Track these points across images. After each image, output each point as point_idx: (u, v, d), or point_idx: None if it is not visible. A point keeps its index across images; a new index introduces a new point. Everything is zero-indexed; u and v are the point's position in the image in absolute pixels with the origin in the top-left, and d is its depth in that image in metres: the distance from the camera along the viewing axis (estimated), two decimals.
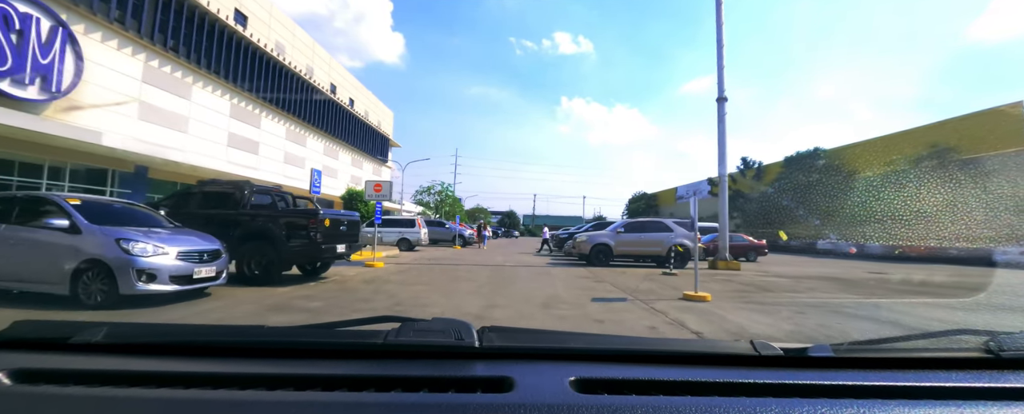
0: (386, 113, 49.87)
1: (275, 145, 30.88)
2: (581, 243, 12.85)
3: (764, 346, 0.90)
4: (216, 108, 26.13)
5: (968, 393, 0.76)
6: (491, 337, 0.89)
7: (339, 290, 7.03)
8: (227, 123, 27.01)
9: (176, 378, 0.74)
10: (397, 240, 17.62)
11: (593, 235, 12.98)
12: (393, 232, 17.54)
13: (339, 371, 0.78)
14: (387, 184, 15.63)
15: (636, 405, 0.66)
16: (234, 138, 27.43)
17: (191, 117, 24.53)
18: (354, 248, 8.04)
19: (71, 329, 0.90)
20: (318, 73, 35.65)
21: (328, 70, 37.33)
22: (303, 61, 33.60)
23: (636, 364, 0.87)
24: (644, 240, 12.81)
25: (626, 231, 12.88)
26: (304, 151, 34.38)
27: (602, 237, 12.89)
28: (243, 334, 1.00)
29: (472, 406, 0.65)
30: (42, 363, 0.78)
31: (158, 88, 22.39)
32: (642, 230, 13.03)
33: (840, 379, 0.78)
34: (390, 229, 17.54)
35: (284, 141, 31.90)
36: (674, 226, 13.22)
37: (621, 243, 12.71)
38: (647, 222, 13.42)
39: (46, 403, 0.65)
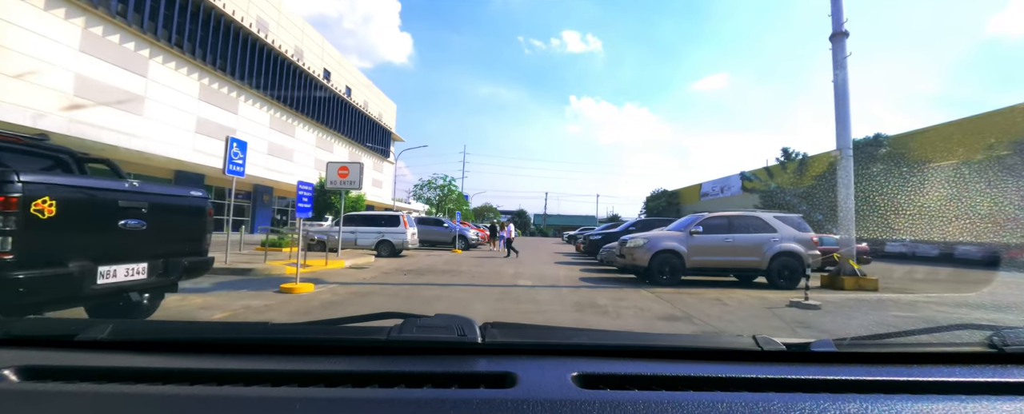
0: (388, 105, 45.59)
1: (257, 134, 26.61)
2: (634, 249, 8.22)
3: (767, 341, 0.87)
4: (182, 88, 21.95)
5: (971, 388, 0.74)
6: (494, 333, 0.87)
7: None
8: (196, 106, 22.80)
9: (181, 374, 0.73)
10: (376, 243, 13.10)
11: (654, 237, 8.29)
12: (370, 233, 13.06)
13: (343, 367, 0.78)
14: (354, 167, 11.10)
15: (638, 400, 0.64)
16: (205, 124, 23.22)
17: (148, 97, 20.36)
18: (187, 271, 3.48)
19: (77, 326, 0.88)
20: (309, 57, 31.39)
21: (321, 54, 33.06)
22: (291, 42, 29.36)
23: (639, 359, 0.84)
24: (734, 245, 8.11)
25: (706, 231, 8.19)
26: (293, 142, 30.14)
27: (667, 240, 8.21)
28: (247, 331, 1.02)
29: (475, 401, 0.63)
30: (48, 360, 0.77)
31: (101, 60, 18.21)
32: (730, 229, 8.30)
33: (843, 374, 0.76)
34: (366, 228, 13.08)
35: (268, 130, 27.67)
36: (776, 222, 8.46)
37: (699, 249, 8.04)
38: (737, 217, 8.62)
39: (53, 400, 0.64)
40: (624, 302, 6.35)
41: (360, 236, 13.26)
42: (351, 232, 13.27)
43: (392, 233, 13.24)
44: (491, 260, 13.81)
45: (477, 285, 7.90)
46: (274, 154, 28.08)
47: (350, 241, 13.25)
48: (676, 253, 8.23)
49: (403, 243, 13.20)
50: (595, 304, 6.17)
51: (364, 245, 13.26)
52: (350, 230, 13.30)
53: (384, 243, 13.19)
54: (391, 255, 13.23)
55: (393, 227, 13.32)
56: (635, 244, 8.46)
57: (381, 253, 13.14)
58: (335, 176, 11.31)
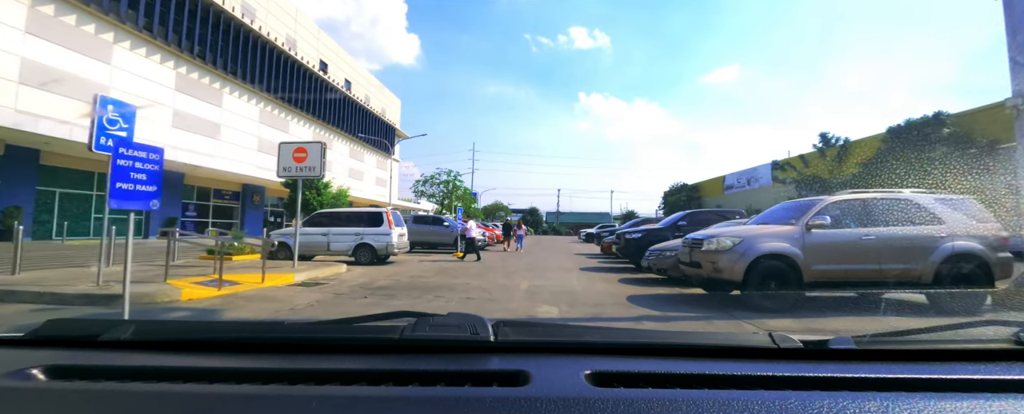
0: (392, 100, 42.87)
1: (244, 128, 24.00)
2: (718, 255, 5.01)
3: (783, 338, 0.84)
4: (155, 78, 19.38)
5: (996, 385, 0.70)
6: (506, 331, 0.86)
7: None
8: (172, 98, 20.21)
9: (201, 373, 0.73)
10: (353, 247, 10.16)
11: (750, 236, 4.97)
12: (345, 235, 10.14)
13: (358, 366, 0.78)
14: (314, 149, 8.21)
15: (652, 398, 0.63)
16: (182, 117, 20.63)
17: (113, 86, 17.79)
18: None
19: (101, 326, 0.89)
20: (303, 47, 28.74)
21: (317, 45, 30.40)
22: (281, 30, 26.70)
23: (652, 357, 0.82)
24: (880, 244, 4.93)
25: (834, 224, 4.97)
26: (287, 138, 27.43)
27: (771, 240, 5.02)
28: (264, 330, 1.02)
29: (488, 399, 0.63)
30: (74, 360, 0.78)
31: (46, 40, 15.64)
32: (867, 219, 5.05)
33: (862, 372, 0.73)
34: (340, 230, 10.16)
35: (257, 124, 25.04)
36: (942, 207, 5.23)
37: (823, 251, 4.85)
38: (879, 201, 5.27)
39: (78, 398, 0.64)
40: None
41: (333, 239, 10.34)
42: (322, 234, 10.36)
43: (373, 234, 10.28)
44: (500, 266, 10.76)
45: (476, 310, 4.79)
46: (265, 151, 25.42)
47: (321, 245, 10.33)
48: (787, 259, 5.08)
49: (387, 247, 10.23)
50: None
51: (339, 250, 10.34)
52: (320, 232, 10.39)
53: (363, 247, 10.24)
54: (372, 262, 10.27)
55: (374, 227, 10.36)
56: (719, 246, 5.32)
57: (360, 260, 10.20)
58: (290, 161, 8.41)
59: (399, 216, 11.05)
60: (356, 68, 36.18)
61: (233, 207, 23.83)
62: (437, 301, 5.81)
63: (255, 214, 24.81)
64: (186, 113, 20.89)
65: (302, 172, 8.36)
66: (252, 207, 24.52)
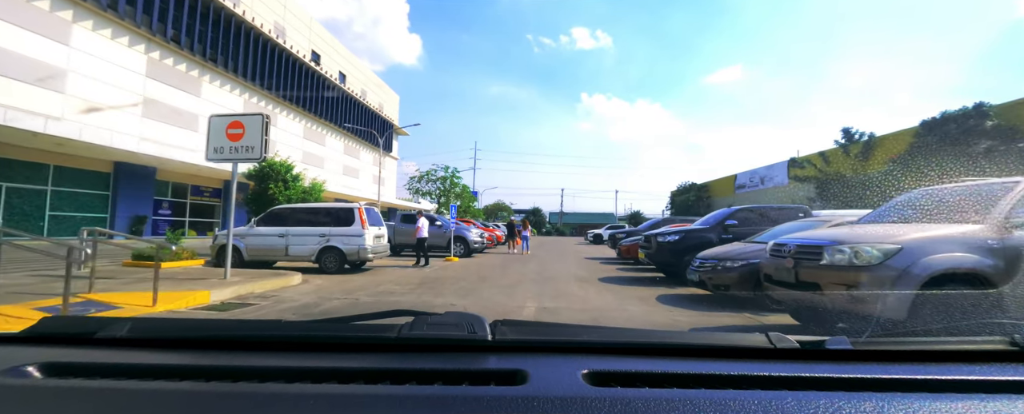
0: (390, 96, 40.85)
1: None
2: (865, 272, 2.86)
3: (780, 339, 0.83)
4: (122, 63, 17.37)
5: (992, 386, 0.69)
6: (504, 330, 0.85)
7: None
8: (142, 85, 18.19)
9: (197, 371, 0.72)
10: (318, 252, 8.07)
11: (917, 244, 2.88)
12: (307, 236, 8.05)
13: (355, 364, 0.77)
14: (252, 123, 6.16)
15: (649, 398, 0.62)
16: (155, 107, 18.61)
17: (72, 70, 15.80)
18: None
19: (97, 324, 0.88)
20: (294, 36, 26.74)
21: (308, 34, 28.38)
22: (269, 16, 24.69)
23: (649, 357, 0.81)
24: None
25: None
26: (276, 132, 25.38)
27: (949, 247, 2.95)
28: (261, 328, 1.00)
29: (486, 399, 0.62)
30: (70, 357, 0.77)
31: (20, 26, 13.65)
32: None
33: (858, 372, 0.73)
34: (301, 230, 8.06)
35: None
36: None
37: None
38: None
39: (74, 396, 0.63)
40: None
41: (293, 241, 8.23)
42: (280, 236, 8.26)
43: (342, 235, 8.18)
44: (499, 276, 8.63)
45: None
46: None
47: (278, 249, 8.24)
48: (979, 276, 2.91)
49: (359, 251, 8.13)
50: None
51: (299, 255, 8.25)
52: (277, 232, 8.29)
53: (330, 252, 8.13)
54: (341, 270, 8.16)
55: (343, 226, 8.25)
56: (861, 259, 3.17)
57: (326, 266, 8.10)
58: (222, 139, 6.31)
59: (376, 213, 8.94)
60: (352, 61, 34.16)
61: (214, 205, 21.80)
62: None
63: (239, 212, 22.74)
64: (159, 102, 18.86)
65: (238, 154, 6.28)
66: (236, 205, 22.44)
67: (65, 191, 15.90)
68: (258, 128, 6.22)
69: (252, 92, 23.55)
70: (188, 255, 8.02)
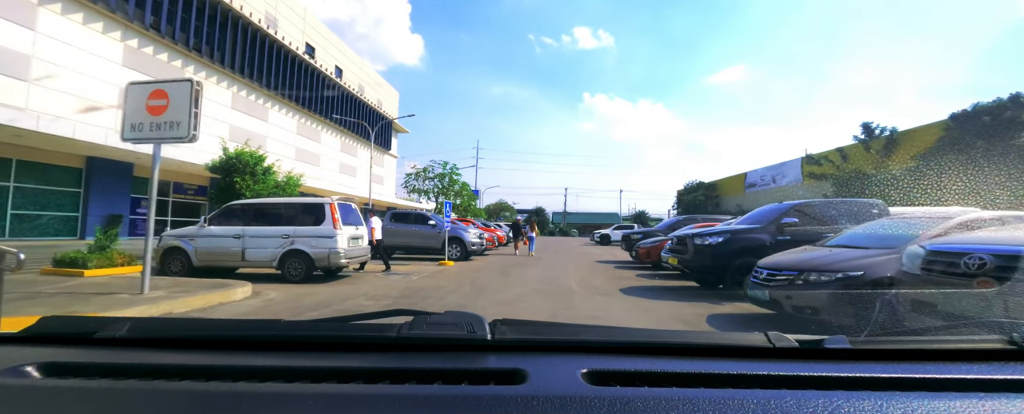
0: (389, 92, 39.44)
1: (211, 114, 20.55)
2: None
3: (779, 338, 0.82)
4: (95, 50, 16.00)
5: (990, 385, 0.69)
6: (503, 330, 0.84)
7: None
8: (118, 75, 16.79)
9: (197, 371, 0.72)
10: (280, 256, 6.59)
11: None
12: (268, 238, 6.56)
13: (354, 364, 0.76)
14: (178, 91, 4.64)
15: (648, 397, 0.62)
16: None
17: (37, 56, 14.43)
18: None
19: (96, 324, 0.87)
20: (286, 27, 25.35)
21: (302, 26, 26.99)
22: (260, 6, 23.32)
23: (648, 356, 0.80)
24: None
25: None
26: (265, 127, 24.10)
27: None
28: (260, 328, 0.99)
29: (485, 398, 0.61)
30: (69, 357, 0.76)
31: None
32: None
33: (857, 371, 0.72)
34: (260, 230, 6.58)
35: (228, 110, 21.65)
36: None
37: None
38: None
39: (74, 395, 0.63)
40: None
41: (251, 244, 6.76)
42: (236, 236, 6.78)
43: (309, 237, 6.71)
44: (498, 286, 7.15)
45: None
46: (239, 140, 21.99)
47: (233, 252, 6.77)
48: None
49: (330, 255, 6.65)
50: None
51: (258, 259, 6.79)
52: (233, 233, 6.82)
53: (294, 256, 6.65)
54: (309, 278, 6.67)
55: (312, 226, 6.76)
56: None
57: (289, 274, 6.61)
58: (141, 113, 4.87)
59: (353, 210, 7.45)
60: (349, 56, 32.76)
61: (199, 203, 20.40)
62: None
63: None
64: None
65: (161, 132, 4.81)
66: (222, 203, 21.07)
67: (29, 188, 14.53)
68: (185, 98, 4.75)
69: (241, 85, 22.17)
70: (123, 260, 6.58)
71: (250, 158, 10.06)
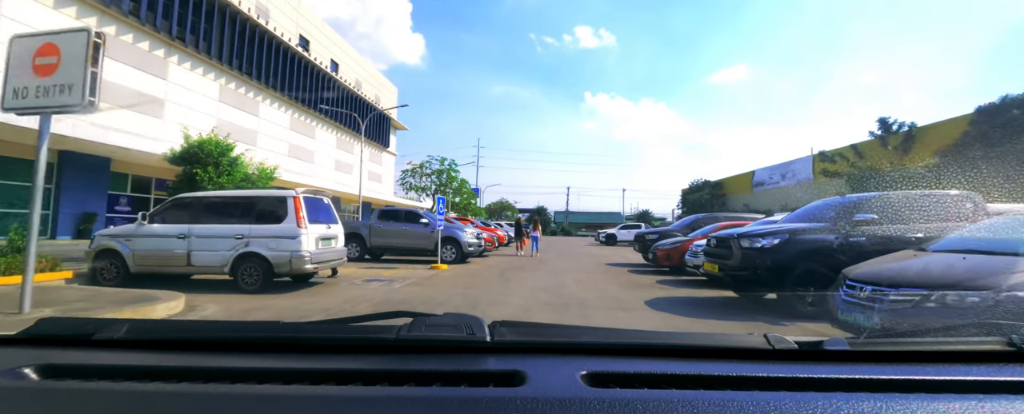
0: (387, 87, 38.24)
1: (197, 106, 19.44)
2: None
3: (778, 340, 0.81)
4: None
5: (990, 386, 0.68)
6: (502, 331, 0.83)
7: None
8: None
9: (195, 373, 0.71)
10: (232, 260, 5.40)
11: None
12: (217, 238, 5.37)
13: (353, 365, 0.75)
14: (71, 45, 3.29)
15: (647, 398, 0.61)
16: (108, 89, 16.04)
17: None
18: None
19: (94, 326, 0.86)
20: (278, 17, 24.17)
21: (295, 16, 25.82)
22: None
23: (648, 358, 0.79)
24: None
25: None
26: (256, 122, 22.92)
27: None
28: (259, 330, 0.99)
29: (484, 400, 0.61)
30: (67, 359, 0.75)
31: None
32: None
33: (857, 373, 0.71)
34: (209, 228, 5.39)
35: (216, 103, 20.48)
36: None
37: None
38: None
39: (72, 397, 0.62)
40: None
41: (198, 245, 5.56)
42: (181, 236, 5.57)
43: (268, 237, 5.52)
44: (496, 297, 5.94)
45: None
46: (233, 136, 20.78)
47: (176, 255, 5.56)
48: None
49: (294, 259, 5.45)
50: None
51: (206, 264, 5.58)
52: (177, 231, 5.61)
53: (249, 261, 5.45)
54: (267, 286, 5.46)
55: (271, 224, 5.56)
56: None
57: (245, 284, 5.40)
58: (27, 74, 3.59)
59: (326, 206, 6.23)
60: (345, 50, 31.58)
61: None
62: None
63: None
64: (113, 83, 16.28)
65: (48, 100, 3.61)
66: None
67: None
68: (80, 54, 3.55)
69: (230, 77, 20.99)
70: (47, 265, 5.39)
71: (214, 147, 8.85)
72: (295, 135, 25.78)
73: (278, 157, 24.24)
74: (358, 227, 10.41)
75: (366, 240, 10.23)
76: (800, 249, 4.49)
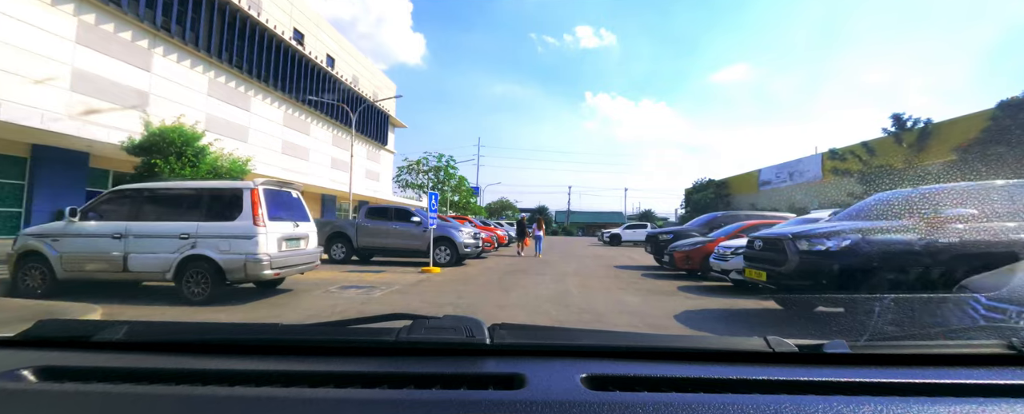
0: (385, 84, 37.32)
1: (185, 101, 18.54)
2: None
3: (778, 342, 0.80)
4: (43, 25, 13.94)
5: (990, 390, 0.68)
6: (502, 334, 0.82)
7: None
8: (71, 53, 14.73)
9: (194, 375, 0.70)
10: (175, 265, 4.47)
11: None
12: (159, 238, 4.45)
13: (352, 368, 0.75)
14: None
15: (647, 402, 0.60)
16: (85, 79, 15.16)
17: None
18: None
19: (93, 327, 0.86)
20: (271, 9, 23.28)
21: (289, 9, 24.92)
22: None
23: (648, 361, 0.78)
24: None
25: None
26: (247, 117, 22.02)
27: None
28: (258, 332, 0.97)
29: (484, 402, 0.61)
30: (66, 361, 0.75)
31: None
32: None
33: (856, 376, 0.70)
34: (149, 225, 4.43)
35: (205, 97, 19.57)
36: None
37: None
38: None
39: (70, 399, 0.62)
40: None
41: (135, 247, 4.61)
42: (115, 236, 4.64)
43: (218, 237, 4.60)
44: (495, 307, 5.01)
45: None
46: (217, 129, 19.90)
47: (110, 259, 4.62)
48: None
49: (249, 264, 4.55)
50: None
51: (146, 269, 4.62)
52: (113, 230, 4.67)
53: (197, 264, 4.49)
54: (215, 298, 4.52)
55: (222, 221, 4.61)
56: None
57: (190, 293, 4.45)
58: None
59: (292, 199, 5.29)
60: (342, 45, 30.67)
61: None
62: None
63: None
64: (91, 74, 15.39)
65: None
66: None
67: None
68: None
69: (219, 70, 20.08)
70: None
71: (177, 135, 7.92)
72: (289, 132, 24.86)
73: (271, 154, 23.35)
74: (344, 226, 9.51)
75: (353, 240, 9.32)
76: (876, 252, 3.55)
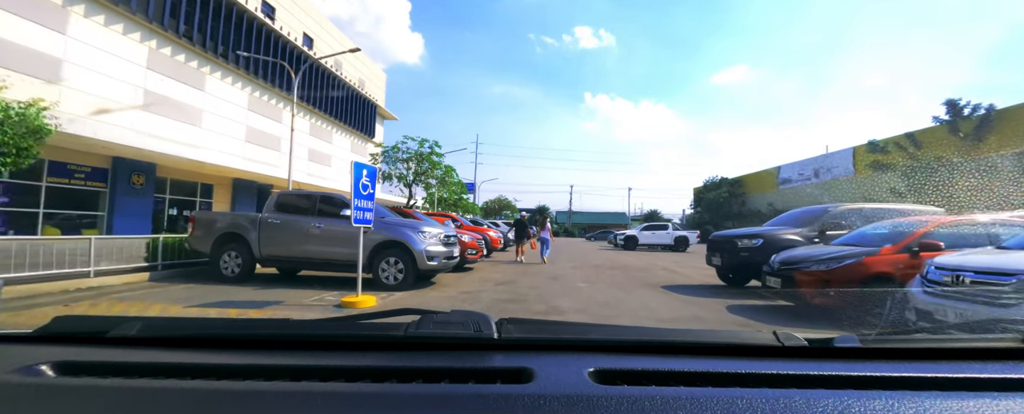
0: (373, 72, 34.03)
1: (119, 75, 15.19)
2: None
3: (788, 337, 0.80)
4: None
5: (1002, 384, 0.66)
6: (510, 329, 0.83)
7: None
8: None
9: (207, 370, 0.72)
10: None
11: None
12: None
13: (362, 362, 0.75)
14: None
15: (656, 395, 0.60)
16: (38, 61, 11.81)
17: None
18: None
19: (109, 323, 0.87)
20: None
21: None
22: None
23: (656, 355, 0.78)
24: None
25: None
26: (202, 97, 18.66)
27: None
28: (270, 327, 1.00)
29: (492, 397, 0.61)
30: (82, 356, 0.76)
31: None
32: None
33: (868, 370, 0.69)
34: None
35: (144, 71, 16.18)
36: None
37: None
38: None
39: (88, 394, 0.63)
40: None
41: None
42: None
43: None
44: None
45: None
46: (165, 112, 16.55)
47: None
48: None
49: None
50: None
51: None
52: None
53: None
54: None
55: None
56: None
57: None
58: None
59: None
60: (323, 24, 27.37)
61: (95, 191, 14.95)
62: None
63: (137, 203, 15.89)
64: (39, 52, 12.08)
65: None
66: (130, 192, 15.59)
67: None
68: None
69: (162, 39, 16.73)
70: None
71: None
72: (255, 117, 21.50)
73: (232, 142, 20.01)
74: (241, 225, 6.17)
75: (254, 246, 6.00)
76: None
